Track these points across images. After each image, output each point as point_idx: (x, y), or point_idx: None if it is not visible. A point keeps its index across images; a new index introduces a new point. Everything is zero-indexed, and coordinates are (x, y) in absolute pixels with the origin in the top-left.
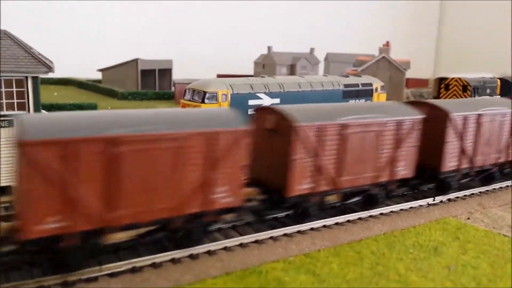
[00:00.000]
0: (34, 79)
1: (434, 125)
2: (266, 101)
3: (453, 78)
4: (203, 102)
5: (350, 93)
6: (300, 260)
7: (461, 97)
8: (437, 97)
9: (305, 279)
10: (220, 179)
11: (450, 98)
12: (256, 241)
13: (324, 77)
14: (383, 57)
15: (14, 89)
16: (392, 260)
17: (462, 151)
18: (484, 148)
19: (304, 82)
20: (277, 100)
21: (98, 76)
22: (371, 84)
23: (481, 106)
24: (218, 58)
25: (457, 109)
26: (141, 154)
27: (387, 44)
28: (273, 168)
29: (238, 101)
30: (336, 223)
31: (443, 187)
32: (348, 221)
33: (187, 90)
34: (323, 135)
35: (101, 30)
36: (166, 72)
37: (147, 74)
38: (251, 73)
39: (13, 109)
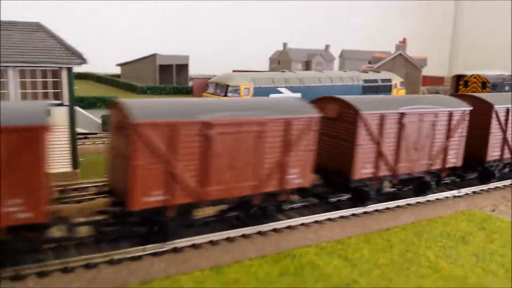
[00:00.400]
0: (69, 70)
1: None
2: (287, 95)
3: (472, 75)
4: (225, 95)
5: (370, 89)
6: (331, 246)
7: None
8: (457, 93)
9: (338, 263)
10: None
11: None
12: (288, 227)
13: (343, 73)
14: (400, 54)
15: (49, 80)
16: (421, 248)
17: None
18: None
19: (324, 77)
20: (298, 95)
21: (116, 70)
22: (390, 80)
23: None
24: (233, 54)
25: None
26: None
27: (404, 41)
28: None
29: (260, 95)
30: (365, 212)
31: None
32: (376, 210)
33: (210, 84)
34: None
35: (119, 25)
36: (183, 68)
37: (165, 69)
38: (266, 69)
39: (48, 99)
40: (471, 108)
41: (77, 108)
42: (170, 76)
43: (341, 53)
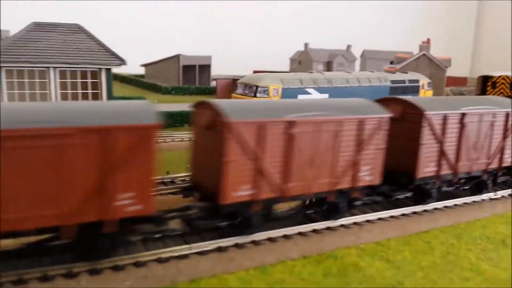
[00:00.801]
0: (107, 71)
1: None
2: (314, 96)
3: (500, 76)
4: (255, 96)
5: (397, 89)
6: (372, 248)
7: (509, 95)
8: (483, 95)
9: (380, 265)
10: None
11: (498, 96)
12: (328, 228)
13: (371, 73)
14: (424, 54)
15: (89, 80)
16: (462, 250)
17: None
18: None
19: (351, 78)
20: (326, 95)
21: (140, 71)
22: (417, 81)
23: None
24: (253, 54)
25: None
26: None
27: (428, 41)
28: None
29: (288, 96)
30: (403, 214)
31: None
32: (415, 212)
33: (239, 84)
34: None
35: (143, 26)
36: (205, 68)
37: (188, 69)
38: (287, 69)
39: (87, 99)
40: (389, 115)
41: None
42: (193, 76)
43: (363, 53)
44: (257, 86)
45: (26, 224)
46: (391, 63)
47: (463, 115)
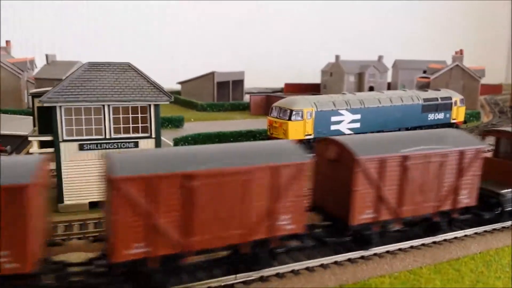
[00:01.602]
0: (156, 106)
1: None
2: (347, 117)
3: None
4: (289, 119)
5: (429, 107)
6: (404, 276)
7: None
8: None
9: None
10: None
11: None
12: (362, 257)
13: (403, 92)
14: (457, 65)
15: (139, 115)
16: (491, 278)
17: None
18: None
19: (384, 98)
20: (358, 116)
21: (175, 87)
22: (450, 98)
23: None
24: (285, 66)
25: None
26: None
27: (461, 52)
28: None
29: (322, 118)
30: (434, 242)
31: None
32: (445, 240)
33: (274, 108)
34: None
35: (174, 44)
36: (238, 83)
37: (222, 85)
38: (318, 81)
39: (138, 132)
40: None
41: None
42: (227, 92)
43: (394, 63)
44: (291, 110)
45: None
46: (424, 72)
47: (405, 157)
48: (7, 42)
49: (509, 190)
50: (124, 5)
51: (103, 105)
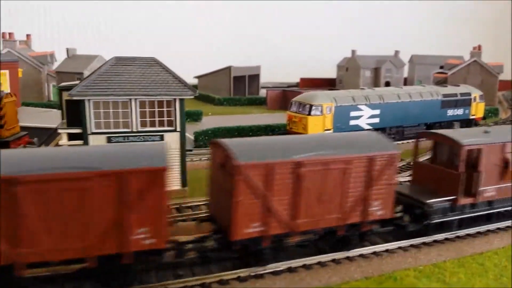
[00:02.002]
0: (181, 100)
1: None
2: (366, 112)
3: None
4: (309, 114)
5: (449, 103)
6: (429, 269)
7: None
8: None
9: (437, 286)
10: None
11: None
12: (387, 250)
13: (422, 87)
14: (475, 60)
15: (165, 109)
16: None
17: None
18: None
19: (403, 93)
20: (377, 111)
21: (190, 82)
22: (469, 94)
23: None
24: (301, 61)
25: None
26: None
27: (479, 47)
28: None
29: (341, 113)
30: (458, 237)
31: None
32: (468, 235)
33: (293, 103)
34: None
35: (191, 37)
36: (254, 78)
37: (238, 80)
38: (333, 76)
39: (163, 126)
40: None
41: None
42: (243, 87)
43: (411, 58)
44: (311, 105)
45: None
46: (441, 67)
47: (298, 163)
48: (28, 36)
49: (438, 199)
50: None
51: (130, 99)
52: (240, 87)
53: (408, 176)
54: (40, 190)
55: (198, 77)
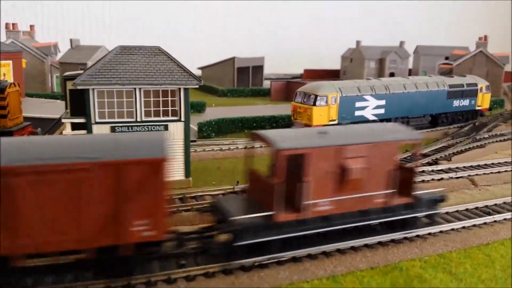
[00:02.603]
0: (186, 90)
1: None
2: (372, 102)
3: None
4: (314, 104)
5: (455, 94)
6: (435, 260)
7: None
8: None
9: (444, 277)
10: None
11: None
12: (392, 241)
13: (428, 78)
14: (481, 51)
15: (169, 99)
16: None
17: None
18: None
19: (409, 83)
20: (383, 102)
21: (195, 73)
22: (476, 84)
23: None
24: (305, 52)
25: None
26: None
27: (485, 38)
28: None
29: (346, 104)
30: (463, 227)
31: None
32: (474, 225)
33: (298, 93)
34: None
35: (195, 29)
36: (258, 69)
37: (242, 71)
38: (338, 67)
39: (167, 116)
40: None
41: None
42: (247, 78)
43: (416, 49)
44: (316, 95)
45: None
46: (446, 58)
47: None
48: (31, 26)
49: (246, 216)
50: None
51: (135, 88)
52: (243, 78)
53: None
54: (37, 180)
55: (202, 68)
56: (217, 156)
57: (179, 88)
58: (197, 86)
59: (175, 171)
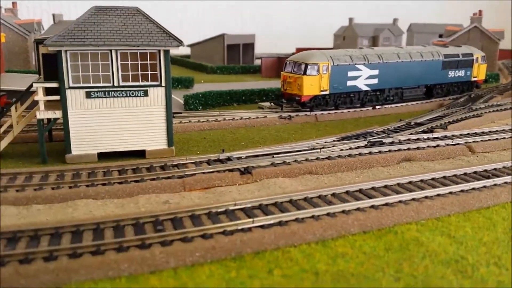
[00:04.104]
0: (166, 52)
1: None
2: (364, 72)
3: None
4: (304, 74)
5: (450, 64)
6: (432, 223)
7: None
8: None
9: (442, 240)
10: None
11: None
12: (386, 204)
13: (423, 48)
14: (475, 26)
15: (149, 62)
16: None
17: None
18: None
19: (403, 53)
20: (376, 72)
21: (183, 51)
22: (471, 55)
23: None
24: (296, 31)
25: None
26: None
27: (480, 13)
28: None
29: (338, 73)
30: (462, 190)
31: None
32: (473, 188)
33: (288, 63)
34: None
35: (183, 7)
36: (249, 47)
37: (232, 48)
38: (330, 46)
39: (147, 80)
40: None
41: None
42: (237, 55)
43: (409, 26)
44: (306, 64)
45: None
46: (440, 36)
47: None
48: (14, 3)
49: None
50: None
51: (111, 50)
52: (234, 56)
53: (408, 135)
54: None
55: (191, 45)
56: (203, 127)
57: (159, 50)
58: (177, 48)
59: (156, 140)
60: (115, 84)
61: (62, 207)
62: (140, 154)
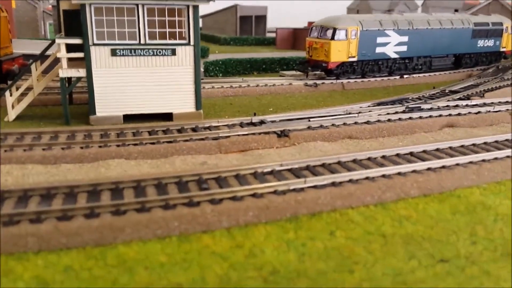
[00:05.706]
0: (195, 8)
1: None
2: (394, 39)
3: None
4: (332, 38)
5: (480, 33)
6: (494, 187)
7: None
8: None
9: (510, 203)
10: None
11: None
12: (443, 167)
13: (453, 15)
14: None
15: (176, 18)
16: None
17: None
18: None
19: (433, 20)
20: (405, 38)
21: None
22: (501, 24)
23: None
24: (308, 5)
25: None
26: None
27: None
28: None
29: (367, 39)
30: None
31: None
32: None
33: (314, 27)
34: None
35: None
36: (261, 19)
37: (244, 20)
38: None
39: (175, 39)
40: None
41: None
42: (249, 28)
43: (424, 1)
44: (334, 28)
45: None
46: (456, 11)
47: None
48: None
49: None
50: None
51: (137, 5)
52: (246, 28)
53: (446, 101)
54: None
55: (203, 16)
56: (226, 93)
57: (188, 6)
58: (207, 3)
59: (184, 103)
60: (142, 42)
61: (93, 166)
62: (167, 117)
